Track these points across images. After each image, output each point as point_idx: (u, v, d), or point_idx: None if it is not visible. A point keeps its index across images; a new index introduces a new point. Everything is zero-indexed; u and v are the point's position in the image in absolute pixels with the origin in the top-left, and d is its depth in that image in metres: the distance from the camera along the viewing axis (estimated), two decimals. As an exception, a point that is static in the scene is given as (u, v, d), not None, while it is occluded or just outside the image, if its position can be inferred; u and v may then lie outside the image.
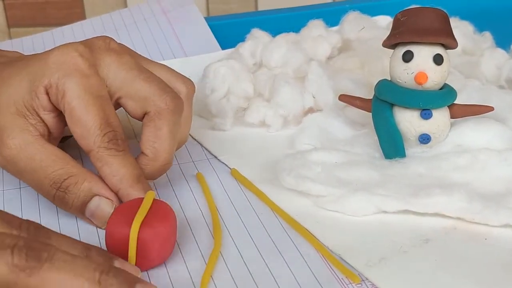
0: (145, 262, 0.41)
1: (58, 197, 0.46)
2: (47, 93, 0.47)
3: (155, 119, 0.48)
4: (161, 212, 0.42)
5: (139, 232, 0.40)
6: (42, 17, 1.13)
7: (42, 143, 0.47)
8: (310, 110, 0.59)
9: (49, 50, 0.48)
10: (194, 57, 0.70)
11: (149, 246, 0.41)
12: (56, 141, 0.49)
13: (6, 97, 0.47)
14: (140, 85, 0.48)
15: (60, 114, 0.48)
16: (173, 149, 0.49)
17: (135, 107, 0.48)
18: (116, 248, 0.41)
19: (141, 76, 0.48)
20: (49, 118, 0.47)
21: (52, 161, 0.46)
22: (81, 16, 1.13)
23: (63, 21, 0.96)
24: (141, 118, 0.49)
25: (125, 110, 0.49)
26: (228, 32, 0.77)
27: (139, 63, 0.49)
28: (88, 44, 0.49)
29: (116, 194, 0.46)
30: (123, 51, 0.50)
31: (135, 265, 0.41)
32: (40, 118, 0.47)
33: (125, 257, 0.41)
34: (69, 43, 0.48)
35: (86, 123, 0.46)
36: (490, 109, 0.51)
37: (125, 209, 0.42)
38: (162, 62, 0.69)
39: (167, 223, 0.42)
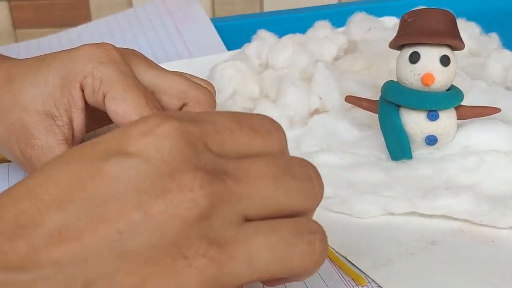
0: None
1: None
2: (82, 89, 0.46)
3: (195, 109, 0.49)
4: None
5: None
6: (47, 18, 1.13)
7: (63, 149, 0.46)
8: (316, 112, 0.58)
9: (76, 47, 0.48)
10: (200, 58, 0.70)
11: None
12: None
13: (32, 95, 0.47)
14: (174, 79, 0.49)
15: (89, 113, 0.48)
16: None
17: (171, 100, 0.49)
18: None
19: (172, 73, 0.50)
20: (78, 117, 0.47)
21: None
22: (87, 17, 1.13)
23: (69, 22, 0.96)
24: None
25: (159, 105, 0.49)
26: (234, 33, 0.77)
27: None
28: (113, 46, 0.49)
29: None
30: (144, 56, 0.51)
31: None
32: (68, 119, 0.47)
33: None
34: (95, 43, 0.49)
35: (133, 100, 0.45)
36: (497, 110, 0.51)
37: None
38: (167, 63, 0.69)
39: None
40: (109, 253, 0.27)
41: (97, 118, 0.51)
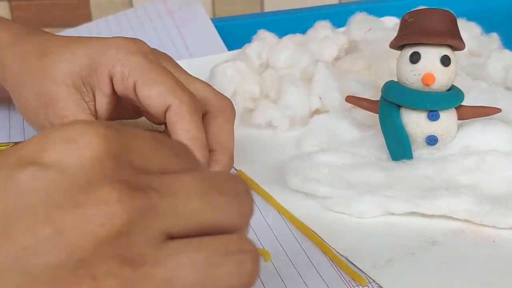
0: None
1: None
2: (110, 77, 0.47)
3: (219, 116, 0.49)
4: None
5: None
6: (48, 18, 1.13)
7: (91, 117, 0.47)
8: (317, 112, 0.58)
9: (109, 37, 0.49)
10: (200, 58, 0.70)
11: None
12: None
13: (60, 69, 0.48)
14: (200, 85, 0.50)
15: (113, 102, 0.48)
16: (234, 147, 0.49)
17: None
18: None
19: (198, 79, 0.50)
20: (101, 100, 0.48)
21: None
22: (87, 17, 1.13)
23: (69, 22, 0.96)
24: None
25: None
26: (234, 33, 0.77)
27: None
28: None
29: None
30: None
31: None
32: (93, 97, 0.48)
33: None
34: None
35: (164, 82, 0.46)
36: (497, 110, 0.51)
37: None
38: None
39: None
40: (12, 271, 0.25)
41: (119, 111, 0.52)
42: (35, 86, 0.49)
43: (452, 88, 0.50)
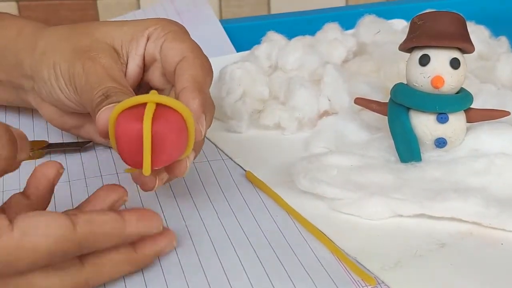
0: (162, 157, 0.40)
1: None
2: (148, 37, 0.51)
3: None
4: (168, 107, 0.41)
5: (152, 124, 0.39)
6: (56, 18, 1.13)
7: (121, 74, 0.49)
8: (326, 113, 0.59)
9: None
10: (209, 59, 0.70)
11: (164, 139, 0.39)
12: None
13: (105, 31, 0.52)
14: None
15: (141, 66, 0.52)
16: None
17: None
18: (129, 149, 0.40)
19: None
20: (133, 63, 0.51)
21: (114, 78, 0.48)
22: (95, 18, 1.13)
23: (77, 23, 0.96)
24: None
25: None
26: (242, 35, 0.77)
27: None
28: None
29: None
30: None
31: (152, 163, 0.40)
32: (126, 61, 0.51)
33: (139, 155, 0.39)
34: None
35: (191, 42, 0.50)
36: (506, 113, 0.51)
37: (132, 108, 0.41)
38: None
39: (178, 115, 0.41)
40: None
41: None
42: (76, 41, 0.51)
43: (461, 90, 0.50)
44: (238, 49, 0.73)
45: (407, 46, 0.50)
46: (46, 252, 0.35)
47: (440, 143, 0.50)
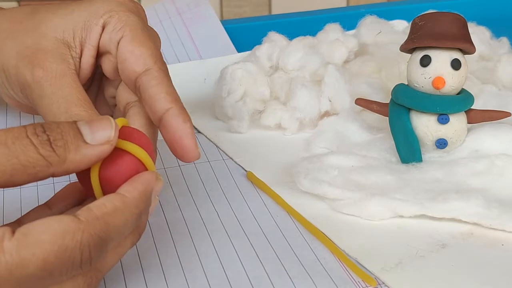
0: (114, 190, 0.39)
1: None
2: (103, 26, 0.47)
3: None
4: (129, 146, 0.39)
5: (100, 171, 0.38)
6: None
7: (75, 79, 0.46)
8: (327, 114, 0.59)
9: None
10: (210, 59, 0.70)
11: (113, 183, 0.38)
12: None
13: (54, 24, 0.47)
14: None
15: (97, 56, 0.48)
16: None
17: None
18: (84, 184, 0.39)
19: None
20: (88, 54, 0.47)
21: (77, 100, 0.45)
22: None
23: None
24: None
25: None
26: (242, 35, 0.77)
27: None
28: None
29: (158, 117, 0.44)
30: None
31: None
32: (80, 52, 0.47)
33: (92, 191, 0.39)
34: None
35: (150, 46, 0.46)
36: (507, 114, 0.51)
37: None
38: (177, 64, 0.69)
39: (133, 157, 0.39)
40: None
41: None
42: (21, 41, 0.47)
43: (462, 91, 0.50)
44: (239, 50, 0.73)
45: (408, 47, 0.50)
46: None
47: (441, 144, 0.50)
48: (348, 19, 0.70)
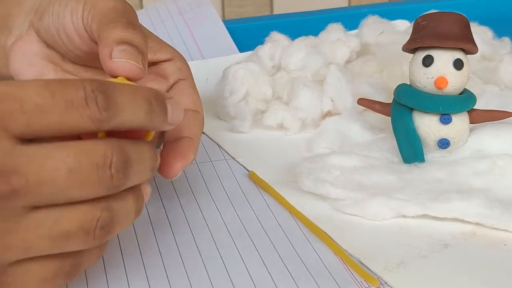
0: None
1: None
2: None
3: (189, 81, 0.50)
4: None
5: None
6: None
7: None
8: (329, 114, 0.59)
9: None
10: (213, 59, 0.70)
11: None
12: None
13: (30, 4, 0.47)
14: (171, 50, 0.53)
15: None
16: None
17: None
18: None
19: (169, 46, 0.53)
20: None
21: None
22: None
23: None
24: None
25: None
26: (244, 35, 0.77)
27: None
28: None
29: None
30: None
31: None
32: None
33: None
34: None
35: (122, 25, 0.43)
36: (509, 114, 0.51)
37: None
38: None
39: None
40: None
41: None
42: None
43: (465, 91, 0.50)
44: (241, 50, 0.74)
45: (411, 47, 0.50)
46: None
47: (443, 144, 0.50)
48: (350, 19, 0.70)
